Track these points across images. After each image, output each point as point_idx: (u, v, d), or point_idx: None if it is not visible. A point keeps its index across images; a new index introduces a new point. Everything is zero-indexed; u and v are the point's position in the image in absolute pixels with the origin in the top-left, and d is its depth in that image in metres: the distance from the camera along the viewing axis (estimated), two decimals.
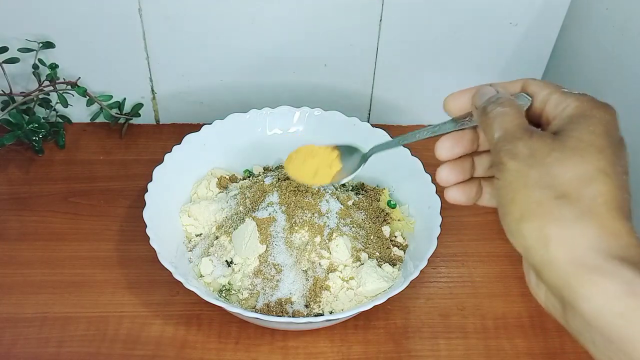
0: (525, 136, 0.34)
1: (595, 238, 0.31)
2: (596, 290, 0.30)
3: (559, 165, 0.32)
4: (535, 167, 0.33)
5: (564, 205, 0.31)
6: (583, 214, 0.31)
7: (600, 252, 0.30)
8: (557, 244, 0.31)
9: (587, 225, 0.31)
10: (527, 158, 0.33)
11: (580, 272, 0.30)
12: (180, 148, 0.67)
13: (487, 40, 0.76)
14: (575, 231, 0.31)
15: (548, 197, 0.32)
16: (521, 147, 0.34)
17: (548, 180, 0.32)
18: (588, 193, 0.31)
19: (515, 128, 0.35)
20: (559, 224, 0.31)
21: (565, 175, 0.32)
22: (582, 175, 0.32)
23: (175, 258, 0.60)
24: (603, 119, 0.34)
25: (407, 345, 0.59)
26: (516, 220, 0.33)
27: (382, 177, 0.70)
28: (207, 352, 0.58)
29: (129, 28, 0.72)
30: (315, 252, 0.60)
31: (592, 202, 0.31)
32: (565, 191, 0.32)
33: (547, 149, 0.33)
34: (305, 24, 0.73)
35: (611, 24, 0.65)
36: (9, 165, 0.75)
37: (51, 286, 0.63)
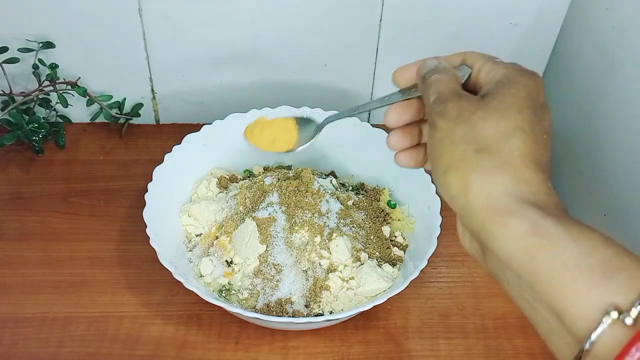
0: (455, 98, 0.37)
1: (509, 185, 0.34)
2: (506, 230, 0.33)
3: (482, 122, 0.36)
4: (461, 124, 0.36)
5: (484, 157, 0.34)
6: (500, 165, 0.34)
7: (512, 197, 0.33)
8: (475, 191, 0.34)
9: (503, 174, 0.34)
10: (454, 117, 0.36)
11: (494, 215, 0.33)
12: (180, 148, 0.67)
13: (487, 40, 0.76)
14: (492, 179, 0.34)
15: (470, 150, 0.35)
16: (450, 107, 0.37)
17: (472, 136, 0.35)
18: (506, 147, 0.35)
19: (447, 92, 0.38)
20: (478, 174, 0.34)
21: (487, 130, 0.35)
22: (501, 131, 0.35)
23: (175, 258, 0.60)
24: (527, 84, 0.37)
25: (407, 345, 0.59)
26: (442, 172, 0.36)
27: (382, 177, 0.70)
28: (207, 352, 0.58)
29: (129, 28, 0.72)
30: (315, 252, 0.60)
31: (509, 154, 0.34)
32: (486, 145, 0.35)
33: (472, 108, 0.36)
34: (305, 24, 0.73)
35: (611, 24, 0.65)
36: (9, 165, 0.75)
37: (51, 286, 0.63)
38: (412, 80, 0.43)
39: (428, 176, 0.65)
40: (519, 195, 0.33)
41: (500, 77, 0.38)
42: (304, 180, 0.63)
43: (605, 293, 0.29)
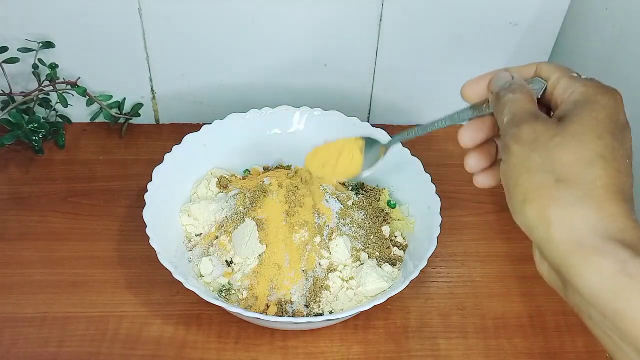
0: (531, 121, 0.35)
1: (593, 220, 0.32)
2: (592, 269, 0.31)
3: (560, 149, 0.34)
4: (538, 150, 0.34)
5: (564, 188, 0.33)
6: (582, 197, 0.32)
7: (597, 233, 0.32)
8: (557, 225, 0.33)
9: (586, 208, 0.32)
10: (531, 142, 0.35)
11: (578, 251, 0.32)
12: (180, 148, 0.67)
13: (487, 40, 0.76)
14: (575, 213, 0.32)
15: (549, 181, 0.33)
16: (526, 131, 0.35)
17: (549, 164, 0.34)
18: (587, 177, 0.33)
19: (523, 113, 0.36)
20: (559, 206, 0.33)
21: (566, 159, 0.33)
22: (581, 160, 0.33)
23: (175, 258, 0.60)
24: (607, 104, 0.35)
25: (407, 345, 0.59)
26: (520, 203, 0.34)
27: (382, 177, 0.70)
28: (207, 352, 0.58)
29: (129, 28, 0.72)
30: (315, 252, 0.60)
31: (591, 185, 0.33)
32: (566, 175, 0.33)
33: (550, 133, 0.34)
34: (305, 24, 0.73)
35: (611, 24, 0.65)
36: (9, 165, 0.75)
37: (51, 286, 0.63)
38: (483, 95, 0.41)
39: (428, 176, 0.65)
40: (605, 231, 0.32)
41: (578, 96, 0.36)
42: (304, 180, 0.63)
43: None
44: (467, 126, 0.41)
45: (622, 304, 0.30)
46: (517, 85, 0.38)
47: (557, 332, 0.61)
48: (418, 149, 0.67)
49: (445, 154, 0.78)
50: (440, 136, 0.79)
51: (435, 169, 0.66)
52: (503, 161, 0.36)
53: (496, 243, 0.69)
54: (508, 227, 0.70)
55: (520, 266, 0.66)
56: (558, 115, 0.36)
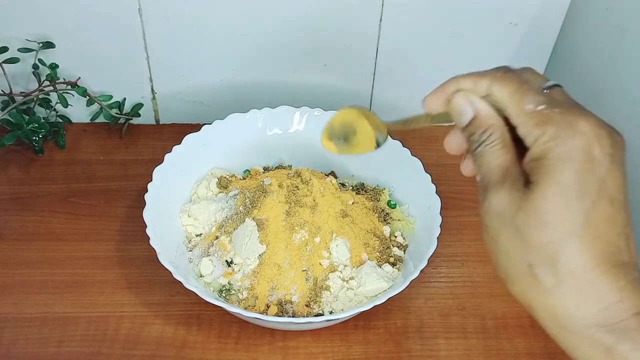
0: (497, 187, 0.33)
1: (572, 307, 0.31)
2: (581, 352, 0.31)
3: (526, 229, 0.31)
4: (506, 227, 0.32)
5: (539, 273, 0.31)
6: (559, 282, 0.31)
7: (579, 320, 0.31)
8: (539, 311, 0.32)
9: (564, 294, 0.31)
10: (498, 215, 0.32)
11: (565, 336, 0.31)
12: (180, 148, 0.66)
13: (487, 40, 0.76)
14: (553, 301, 0.31)
15: (523, 265, 0.31)
16: (493, 202, 0.32)
17: (519, 245, 0.31)
18: (560, 260, 0.30)
19: (491, 173, 0.33)
20: (537, 293, 0.32)
21: (534, 241, 0.31)
22: (549, 242, 0.30)
23: (175, 258, 0.60)
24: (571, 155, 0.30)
25: (407, 345, 0.59)
26: (503, 280, 0.34)
27: (382, 177, 0.70)
28: (207, 352, 0.58)
29: (129, 28, 0.72)
30: (315, 252, 0.60)
31: (565, 268, 0.30)
32: (537, 259, 0.31)
33: (514, 206, 0.32)
34: (305, 24, 0.73)
35: (611, 24, 0.65)
36: (9, 165, 0.75)
37: (51, 286, 0.63)
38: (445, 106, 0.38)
39: (428, 176, 0.65)
40: (586, 317, 0.30)
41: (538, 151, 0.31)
42: (304, 180, 0.63)
43: None
44: (452, 133, 0.39)
45: None
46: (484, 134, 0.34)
47: None
48: (418, 149, 0.67)
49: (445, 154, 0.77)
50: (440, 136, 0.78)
51: (435, 169, 0.66)
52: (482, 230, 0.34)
53: None
54: None
55: None
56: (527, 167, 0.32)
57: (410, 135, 0.69)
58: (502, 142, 0.34)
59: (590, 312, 0.30)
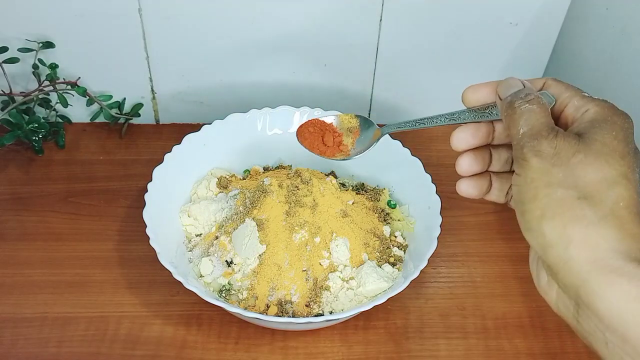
0: (551, 135, 0.35)
1: (615, 240, 0.32)
2: (614, 290, 0.31)
3: (583, 166, 0.33)
4: (559, 166, 0.34)
5: (586, 206, 0.32)
6: (605, 216, 0.32)
7: (620, 254, 0.31)
8: (578, 244, 0.32)
9: (609, 227, 0.32)
10: (551, 156, 0.34)
11: (599, 272, 0.31)
12: (180, 148, 0.67)
13: (487, 40, 0.76)
14: (597, 232, 0.32)
15: (571, 197, 0.33)
16: (546, 145, 0.34)
17: (572, 181, 0.33)
18: (611, 196, 0.32)
19: (541, 126, 0.35)
20: (581, 225, 0.32)
21: (589, 177, 0.33)
22: (605, 179, 0.33)
23: (175, 258, 0.60)
24: (623, 126, 0.35)
25: (407, 345, 0.59)
26: (537, 218, 0.34)
27: (382, 177, 0.70)
28: (207, 352, 0.58)
29: (129, 28, 0.72)
30: (315, 252, 0.60)
31: (615, 205, 0.32)
32: (589, 193, 0.33)
33: (571, 149, 0.34)
34: (305, 24, 0.73)
35: (611, 24, 0.65)
36: (9, 165, 0.75)
37: (51, 286, 0.63)
38: (485, 100, 0.40)
39: (428, 176, 0.65)
40: (628, 252, 0.31)
41: (594, 115, 0.36)
42: (304, 180, 0.63)
43: None
44: (462, 129, 0.40)
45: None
46: (533, 96, 0.37)
47: (557, 332, 0.61)
48: (418, 149, 0.67)
49: (445, 154, 0.78)
50: (440, 136, 0.79)
51: (435, 169, 0.66)
52: (517, 174, 0.35)
53: (496, 243, 0.69)
54: (508, 227, 0.70)
55: (520, 266, 0.66)
56: (574, 132, 0.35)
57: (410, 135, 0.69)
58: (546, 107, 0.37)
59: (632, 248, 0.31)
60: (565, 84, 0.39)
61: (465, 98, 0.41)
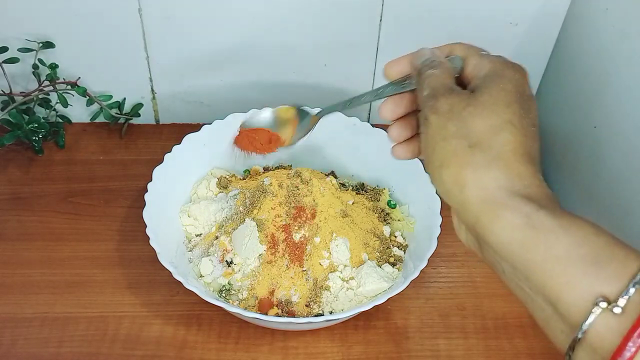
0: (447, 93, 0.38)
1: (502, 179, 0.34)
2: (501, 223, 0.33)
3: (472, 117, 0.36)
4: (453, 120, 0.37)
5: (476, 152, 0.35)
6: (493, 159, 0.35)
7: (506, 191, 0.34)
8: (470, 187, 0.35)
9: (496, 169, 0.35)
10: (446, 112, 0.37)
11: (488, 208, 0.34)
12: (180, 148, 0.67)
13: (487, 40, 0.75)
14: (486, 174, 0.35)
15: (463, 146, 0.36)
16: (442, 102, 0.38)
17: (463, 132, 0.36)
18: (497, 141, 0.35)
19: (440, 87, 0.39)
20: (472, 169, 0.35)
21: (478, 126, 0.36)
22: (492, 126, 0.36)
23: (175, 258, 0.60)
24: (513, 77, 0.38)
25: (407, 345, 0.59)
26: (437, 168, 0.37)
27: (382, 177, 0.70)
28: (207, 352, 0.58)
29: (129, 28, 0.72)
30: (315, 252, 0.60)
31: (501, 148, 0.35)
32: (478, 140, 0.35)
33: (463, 104, 0.37)
34: (305, 24, 0.73)
35: (611, 24, 0.65)
36: (9, 165, 0.75)
37: (51, 286, 0.63)
38: (404, 73, 0.44)
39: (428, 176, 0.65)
40: (512, 189, 0.34)
41: (487, 71, 0.39)
42: (304, 180, 0.63)
43: (595, 283, 0.30)
44: (387, 101, 0.44)
45: (529, 255, 0.32)
46: (436, 62, 0.41)
47: None
48: None
49: None
50: None
51: None
52: (422, 132, 0.38)
53: None
54: None
55: None
56: (470, 89, 0.39)
57: None
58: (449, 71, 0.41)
59: (517, 185, 0.34)
60: (468, 46, 0.43)
61: (386, 72, 0.45)
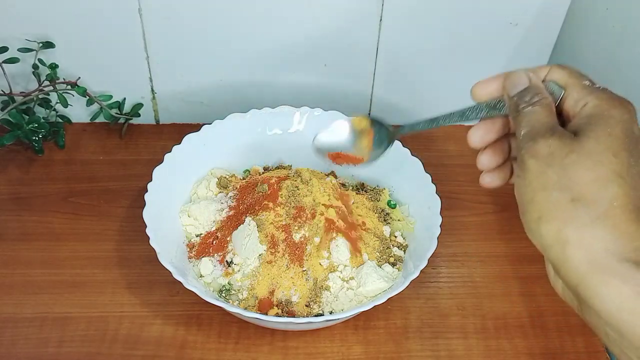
0: (547, 134, 0.35)
1: (610, 241, 0.32)
2: (609, 290, 0.31)
3: (576, 167, 0.33)
4: (554, 167, 0.34)
5: (580, 207, 0.33)
6: (599, 217, 0.32)
7: (614, 255, 0.32)
8: (573, 246, 0.32)
9: (603, 228, 0.32)
10: (546, 157, 0.34)
11: (594, 272, 0.32)
12: (180, 148, 0.66)
13: (487, 40, 0.76)
14: (591, 234, 0.32)
15: (566, 199, 0.33)
16: (542, 145, 0.35)
17: (565, 182, 0.33)
18: (604, 196, 0.32)
19: (540, 126, 0.36)
20: (576, 226, 0.32)
21: (582, 177, 0.33)
22: (598, 179, 0.33)
23: (175, 258, 0.60)
24: (621, 118, 0.35)
25: (407, 345, 0.59)
26: (535, 220, 0.34)
27: (382, 177, 0.70)
28: (207, 352, 0.58)
29: (129, 28, 0.72)
30: (315, 252, 0.60)
31: (608, 205, 0.32)
32: (582, 194, 0.33)
33: (566, 149, 0.34)
34: (305, 24, 0.73)
35: (611, 24, 0.65)
36: (9, 165, 0.75)
37: (51, 286, 0.63)
38: (494, 95, 0.40)
39: (428, 176, 0.65)
40: (621, 252, 0.32)
41: (591, 109, 0.35)
42: (304, 180, 0.63)
43: None
44: (477, 127, 0.41)
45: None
46: (537, 96, 0.37)
47: (557, 332, 0.61)
48: (418, 149, 0.67)
49: (445, 154, 0.78)
50: (440, 136, 0.79)
51: (435, 169, 0.66)
52: (517, 175, 0.36)
53: (496, 243, 0.69)
54: (508, 227, 0.70)
55: (520, 266, 0.66)
56: (572, 129, 0.35)
57: (410, 135, 0.69)
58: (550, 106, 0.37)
59: (626, 248, 0.32)
60: (569, 70, 0.38)
61: (475, 94, 0.40)
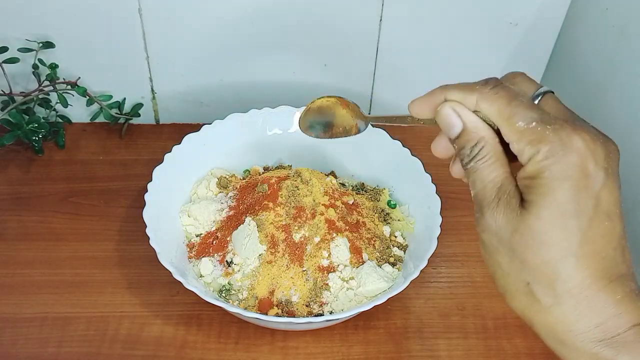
0: (493, 204, 0.33)
1: (570, 323, 0.31)
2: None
3: (523, 249, 0.31)
4: (504, 246, 0.32)
5: (538, 290, 0.32)
6: (557, 300, 0.31)
7: (577, 336, 0.31)
8: (538, 326, 0.32)
9: (563, 311, 0.31)
10: (495, 233, 0.33)
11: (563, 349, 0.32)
12: (180, 148, 0.66)
13: (487, 40, 0.76)
14: (553, 317, 0.32)
15: (521, 283, 0.32)
16: (489, 219, 0.33)
17: (517, 265, 0.32)
18: (557, 278, 0.31)
19: (485, 192, 0.33)
20: (536, 311, 0.32)
21: (531, 261, 0.31)
22: (547, 262, 0.31)
23: (175, 258, 0.60)
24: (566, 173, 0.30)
25: (407, 345, 0.59)
26: (502, 294, 0.34)
27: (382, 177, 0.70)
28: (207, 352, 0.58)
29: (129, 28, 0.72)
30: (315, 252, 0.60)
31: (563, 287, 0.31)
32: (536, 278, 0.31)
33: (510, 228, 0.32)
34: (306, 24, 0.73)
35: (611, 24, 0.65)
36: (9, 165, 0.75)
37: (51, 286, 0.63)
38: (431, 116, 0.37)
39: (428, 176, 0.65)
40: (585, 333, 0.31)
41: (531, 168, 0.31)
42: (304, 180, 0.63)
43: None
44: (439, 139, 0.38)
45: None
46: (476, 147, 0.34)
47: None
48: (418, 149, 0.67)
49: None
50: None
51: (435, 169, 0.66)
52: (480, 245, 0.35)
53: None
54: None
55: None
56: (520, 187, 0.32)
57: (410, 135, 0.69)
58: (493, 156, 0.33)
59: (589, 327, 0.31)
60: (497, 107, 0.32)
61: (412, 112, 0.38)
